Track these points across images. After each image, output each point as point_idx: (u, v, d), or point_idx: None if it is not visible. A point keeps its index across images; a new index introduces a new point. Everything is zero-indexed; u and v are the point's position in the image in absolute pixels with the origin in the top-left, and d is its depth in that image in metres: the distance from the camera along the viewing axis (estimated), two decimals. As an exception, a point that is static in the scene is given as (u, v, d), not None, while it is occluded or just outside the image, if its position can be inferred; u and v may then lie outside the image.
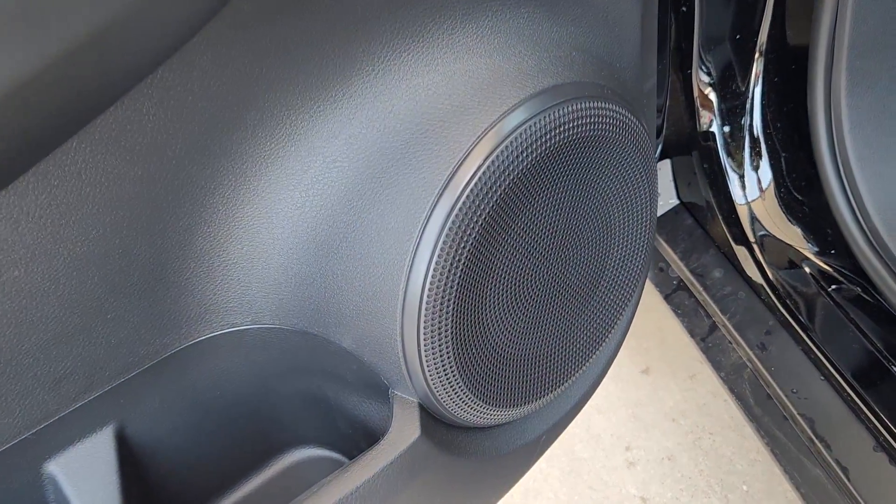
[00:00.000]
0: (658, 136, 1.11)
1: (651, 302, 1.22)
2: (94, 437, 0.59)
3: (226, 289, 0.58)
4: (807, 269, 1.02)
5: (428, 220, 0.54)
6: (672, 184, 1.23)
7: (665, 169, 1.22)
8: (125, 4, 0.39)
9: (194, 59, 0.48)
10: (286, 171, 0.56)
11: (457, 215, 0.54)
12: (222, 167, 0.54)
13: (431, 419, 0.65)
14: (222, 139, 0.52)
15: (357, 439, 0.73)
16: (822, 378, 0.96)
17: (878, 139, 0.91)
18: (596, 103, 0.60)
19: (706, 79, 0.99)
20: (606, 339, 0.76)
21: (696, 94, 0.99)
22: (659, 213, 1.27)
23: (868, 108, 0.90)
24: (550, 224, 0.62)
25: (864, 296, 0.97)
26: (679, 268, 1.16)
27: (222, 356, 0.62)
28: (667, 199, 1.28)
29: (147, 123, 0.49)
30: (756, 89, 0.97)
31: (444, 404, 0.62)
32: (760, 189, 1.00)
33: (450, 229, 0.54)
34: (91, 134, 0.47)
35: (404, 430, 0.62)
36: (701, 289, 1.10)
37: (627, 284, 0.74)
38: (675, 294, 1.16)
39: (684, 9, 0.96)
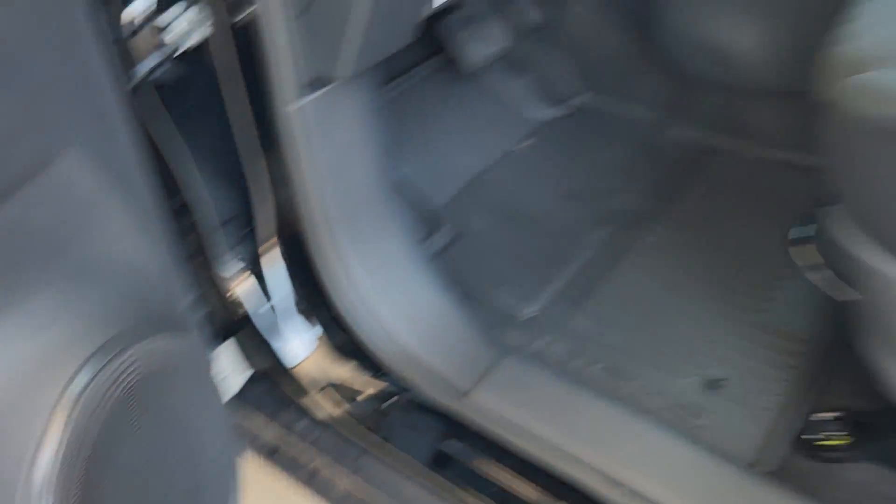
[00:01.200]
0: (214, 324, 1.23)
1: (261, 467, 1.31)
2: None
3: None
4: (368, 393, 1.22)
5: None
6: (243, 356, 1.36)
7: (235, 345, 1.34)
8: None
9: None
10: None
11: (50, 489, 0.58)
12: None
13: None
14: None
15: None
16: (410, 477, 1.15)
17: (382, 280, 1.17)
18: (147, 342, 0.69)
19: (228, 273, 1.16)
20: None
21: (223, 289, 1.15)
22: (240, 385, 1.38)
23: (363, 259, 1.16)
24: (146, 456, 0.68)
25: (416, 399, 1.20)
26: (270, 429, 1.28)
27: None
28: (244, 370, 1.40)
29: None
30: (271, 271, 1.16)
31: None
32: (308, 350, 1.19)
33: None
34: None
35: None
36: (293, 441, 1.23)
37: (225, 476, 0.83)
38: (275, 454, 1.28)
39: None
